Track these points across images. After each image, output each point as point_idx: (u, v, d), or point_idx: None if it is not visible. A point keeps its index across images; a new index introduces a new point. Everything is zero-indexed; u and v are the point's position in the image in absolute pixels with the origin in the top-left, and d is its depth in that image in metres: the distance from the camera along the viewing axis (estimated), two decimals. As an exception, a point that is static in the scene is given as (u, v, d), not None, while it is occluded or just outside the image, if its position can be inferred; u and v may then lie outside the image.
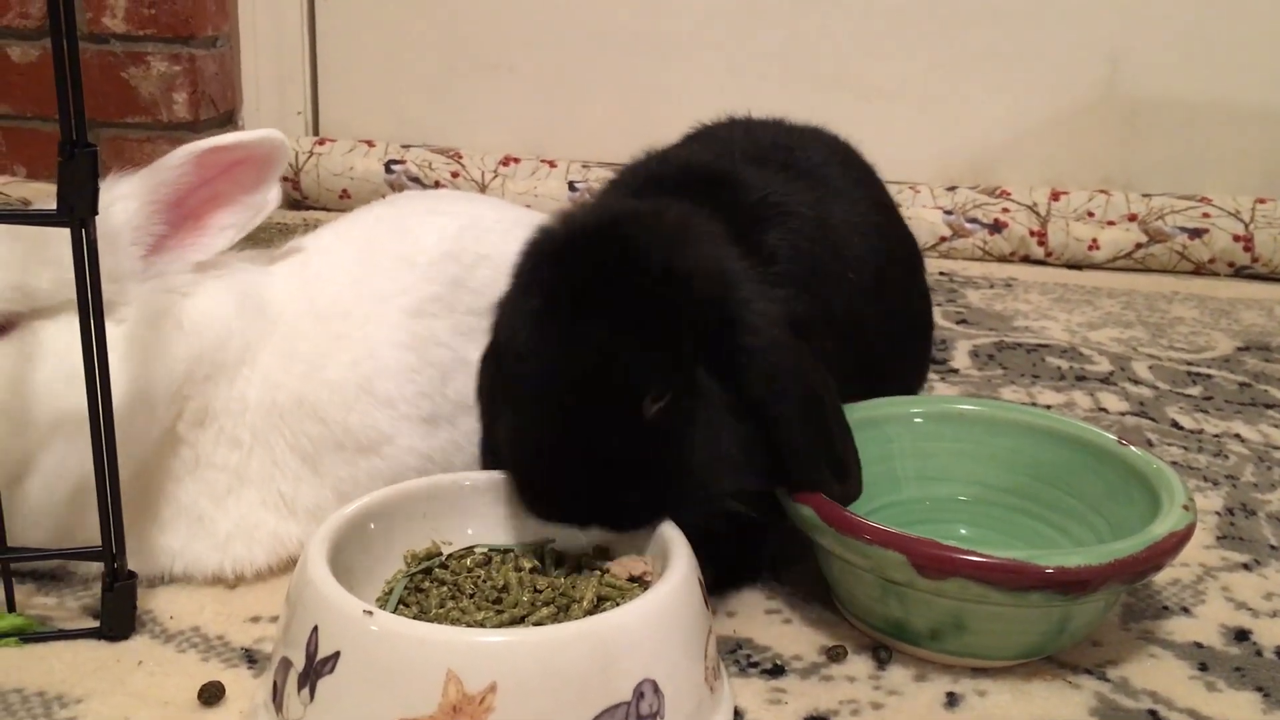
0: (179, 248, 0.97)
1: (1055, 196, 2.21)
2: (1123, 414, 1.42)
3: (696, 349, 0.82)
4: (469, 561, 0.88)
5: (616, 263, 0.81)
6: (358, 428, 0.99)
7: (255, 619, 0.92)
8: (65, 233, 0.80)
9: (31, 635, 0.87)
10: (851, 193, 1.05)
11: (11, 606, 0.90)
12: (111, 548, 0.86)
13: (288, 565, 0.99)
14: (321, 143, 2.31)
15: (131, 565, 0.89)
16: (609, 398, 0.81)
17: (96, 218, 0.80)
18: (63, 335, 0.88)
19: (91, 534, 0.87)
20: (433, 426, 1.01)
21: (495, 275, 0.97)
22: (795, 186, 0.98)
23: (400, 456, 1.00)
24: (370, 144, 2.31)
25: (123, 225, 0.93)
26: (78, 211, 0.78)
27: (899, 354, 1.07)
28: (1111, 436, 0.98)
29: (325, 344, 1.00)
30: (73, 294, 0.81)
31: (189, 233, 0.98)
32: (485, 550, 0.89)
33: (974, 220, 2.20)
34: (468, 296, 1.05)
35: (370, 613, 0.71)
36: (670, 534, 0.83)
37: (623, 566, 0.85)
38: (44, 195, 2.16)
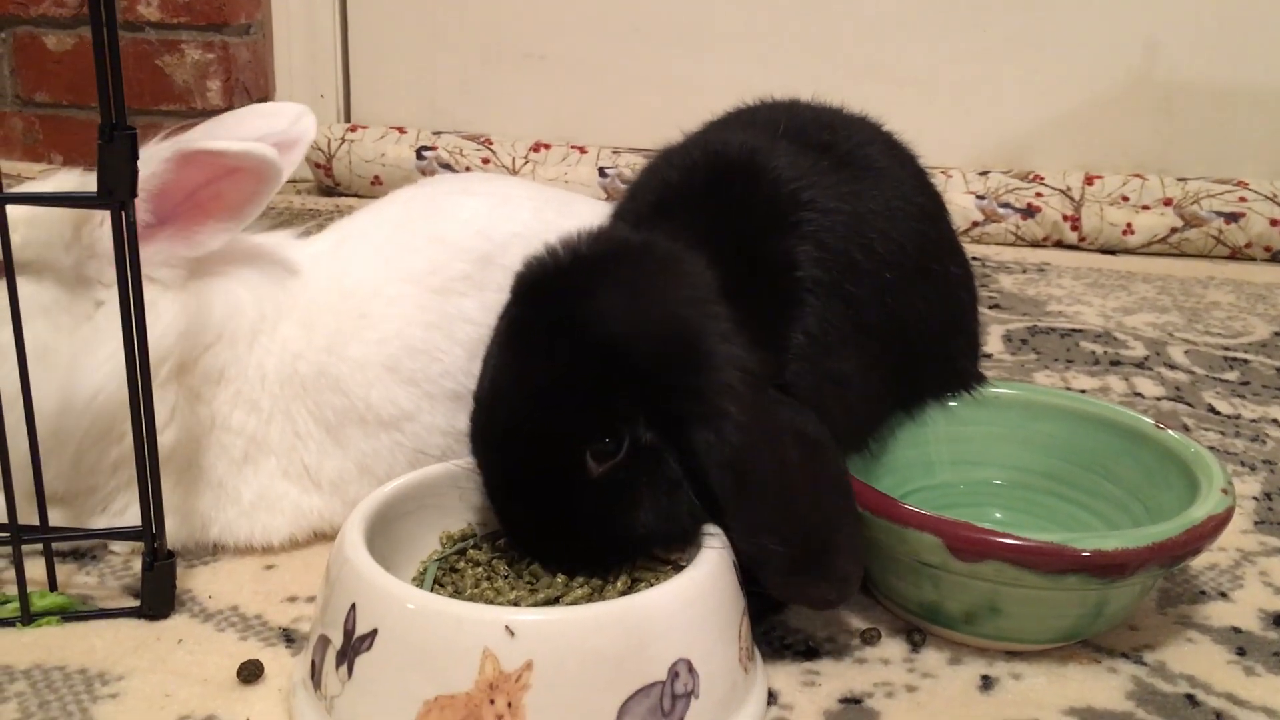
0: (165, 240, 0.95)
1: (1089, 181, 2.19)
2: (1158, 399, 1.40)
3: (645, 416, 0.78)
4: (503, 542, 0.88)
5: (571, 314, 0.79)
6: (379, 403, 1.00)
7: (292, 599, 0.93)
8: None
9: (73, 614, 0.89)
10: (896, 172, 1.00)
11: (54, 586, 0.91)
12: (151, 528, 0.87)
13: (311, 538, 1.00)
14: (354, 129, 2.32)
15: (171, 532, 0.90)
16: (547, 452, 0.79)
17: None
18: None
19: (114, 470, 0.92)
20: (458, 404, 1.01)
21: (527, 252, 0.97)
22: (831, 176, 0.94)
23: (422, 434, 1.01)
24: (402, 131, 2.32)
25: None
26: (117, 194, 0.79)
27: (944, 349, 1.03)
28: (1149, 420, 0.97)
29: (350, 321, 1.01)
30: None
31: (178, 228, 0.96)
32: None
33: (1007, 205, 2.19)
34: (498, 274, 1.05)
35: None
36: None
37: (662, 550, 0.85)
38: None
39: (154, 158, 0.91)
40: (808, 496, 0.80)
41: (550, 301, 0.80)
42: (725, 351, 0.78)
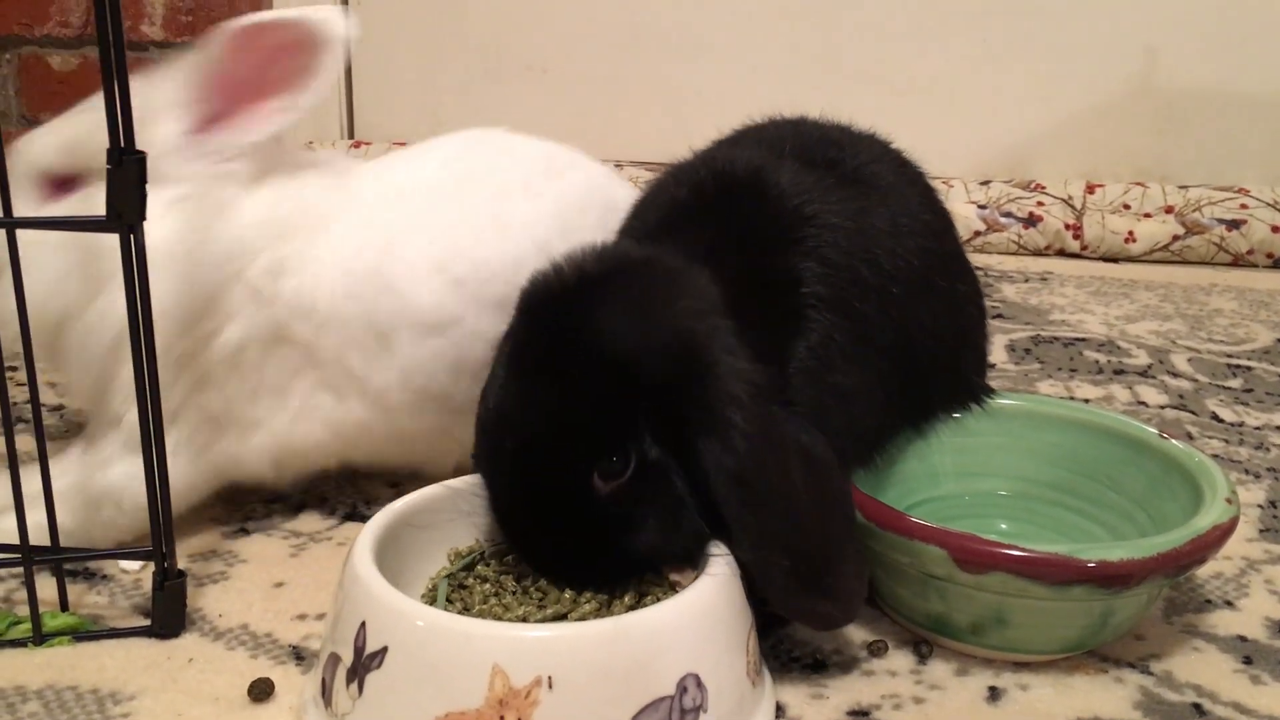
0: (229, 128, 0.98)
1: (1091, 189, 2.19)
2: (1162, 407, 1.41)
3: (652, 432, 0.79)
4: (511, 558, 0.89)
5: (578, 331, 0.79)
6: (429, 306, 1.01)
7: (302, 616, 0.93)
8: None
9: (84, 634, 0.89)
10: (902, 189, 1.01)
11: (65, 606, 0.92)
12: (162, 547, 0.88)
13: (344, 442, 1.05)
14: (357, 145, 2.33)
15: (228, 441, 1.00)
16: (555, 471, 0.79)
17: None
18: None
19: (125, 389, 0.93)
20: (503, 312, 1.02)
21: (586, 179, 1.06)
22: (836, 193, 0.95)
23: (465, 341, 1.01)
24: (404, 144, 2.33)
25: (163, 103, 0.97)
26: (125, 218, 0.80)
27: (952, 363, 1.03)
28: (1152, 429, 0.98)
29: (404, 221, 1.03)
30: None
31: (243, 113, 0.98)
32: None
33: (1009, 214, 2.20)
34: (558, 188, 1.09)
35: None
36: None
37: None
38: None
39: (203, 48, 0.94)
40: (812, 511, 0.80)
41: (556, 320, 0.81)
42: (730, 363, 0.78)
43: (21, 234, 0.83)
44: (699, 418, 0.77)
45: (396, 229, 1.03)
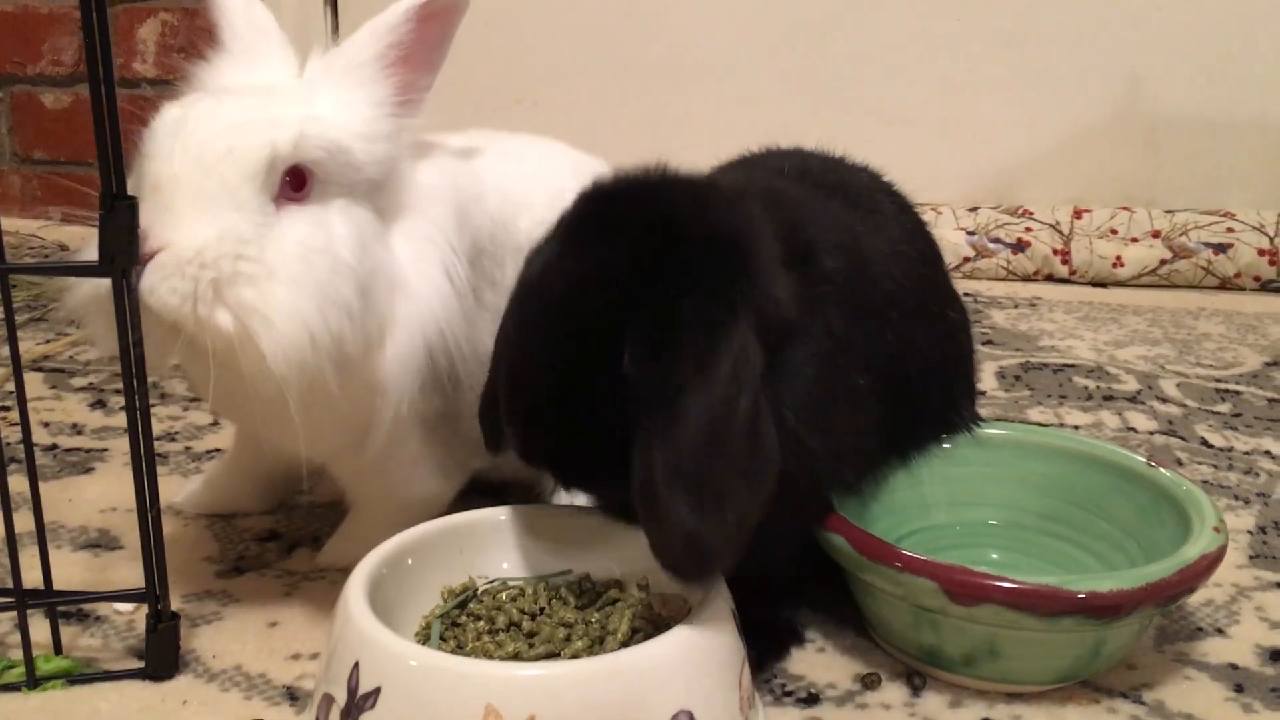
0: (414, 104, 0.95)
1: (1078, 215, 2.21)
2: (1151, 433, 1.42)
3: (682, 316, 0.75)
4: (504, 595, 0.89)
5: (635, 210, 0.79)
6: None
7: (295, 656, 0.93)
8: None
9: (77, 677, 0.89)
10: (899, 217, 1.03)
11: (58, 649, 0.92)
12: (155, 589, 0.88)
13: None
14: (348, 180, 2.34)
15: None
16: (583, 341, 0.77)
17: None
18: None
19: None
20: None
21: None
22: (839, 215, 0.96)
23: None
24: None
25: (360, 87, 0.92)
26: (119, 262, 0.80)
27: (942, 391, 1.03)
28: (1140, 458, 0.98)
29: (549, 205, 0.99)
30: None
31: (413, 88, 0.95)
32: (520, 583, 0.90)
33: (997, 240, 2.21)
34: None
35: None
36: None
37: (662, 601, 0.85)
38: (78, 239, 2.19)
39: (380, 30, 0.91)
40: (734, 444, 0.75)
41: (615, 194, 0.82)
42: (766, 285, 0.79)
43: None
44: (713, 308, 0.76)
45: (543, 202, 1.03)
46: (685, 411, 0.73)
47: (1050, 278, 2.19)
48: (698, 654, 0.75)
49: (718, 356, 0.74)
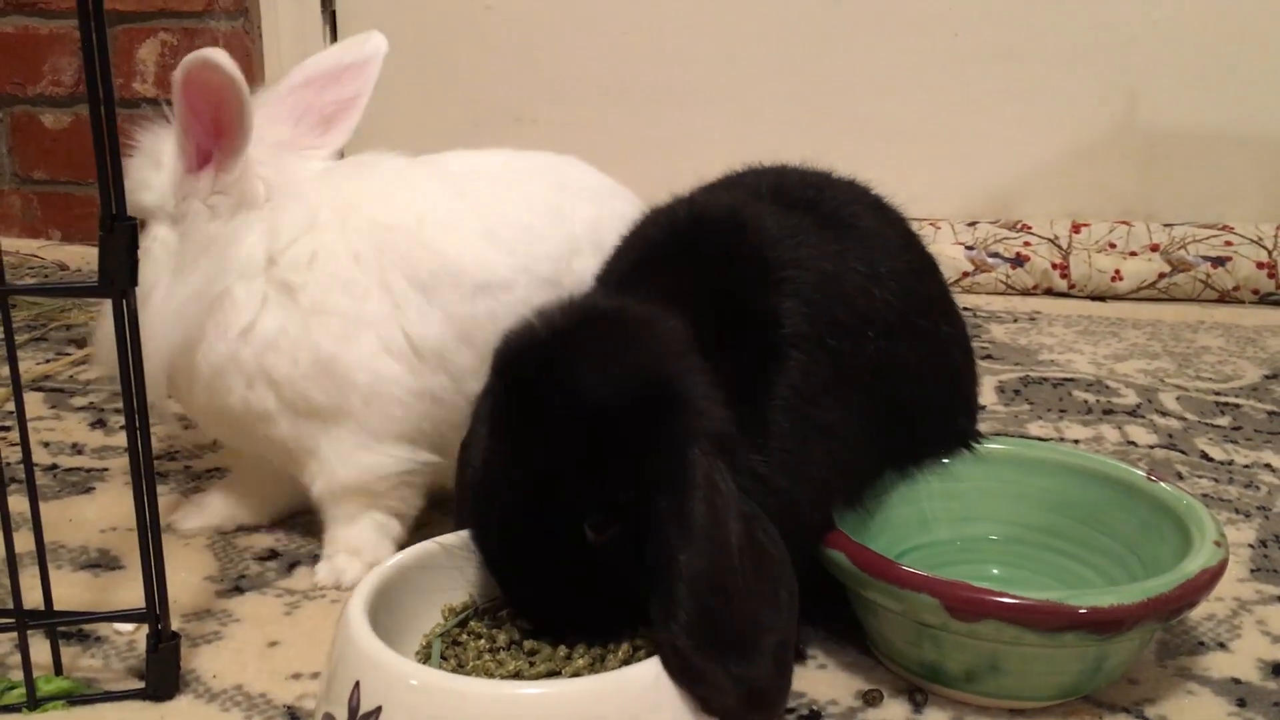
0: (299, 148, 1.13)
1: (1076, 229, 2.21)
2: (1151, 447, 1.41)
3: (627, 479, 0.79)
4: (504, 613, 0.89)
5: (552, 388, 0.80)
6: (472, 266, 1.04)
7: (296, 676, 0.93)
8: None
9: (78, 698, 0.89)
10: (881, 231, 1.02)
11: (59, 669, 0.91)
12: (155, 609, 0.88)
13: (425, 402, 1.05)
14: (347, 198, 2.35)
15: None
16: (546, 530, 0.80)
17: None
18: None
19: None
20: (554, 289, 1.03)
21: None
22: (815, 234, 0.96)
23: (518, 307, 0.99)
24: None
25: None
26: (118, 283, 0.80)
27: (939, 406, 1.03)
28: (1140, 472, 0.98)
29: (447, 199, 1.08)
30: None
31: (308, 136, 1.14)
32: (521, 602, 0.90)
33: (996, 255, 2.21)
34: (617, 203, 1.15)
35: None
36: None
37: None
38: (78, 258, 2.21)
39: (278, 94, 1.13)
40: (744, 567, 0.77)
41: (531, 377, 0.81)
42: (700, 406, 0.79)
43: None
44: (661, 462, 0.77)
45: (437, 205, 1.08)
46: (684, 582, 0.75)
47: (1049, 292, 2.19)
48: (699, 671, 0.75)
49: (692, 506, 0.76)
